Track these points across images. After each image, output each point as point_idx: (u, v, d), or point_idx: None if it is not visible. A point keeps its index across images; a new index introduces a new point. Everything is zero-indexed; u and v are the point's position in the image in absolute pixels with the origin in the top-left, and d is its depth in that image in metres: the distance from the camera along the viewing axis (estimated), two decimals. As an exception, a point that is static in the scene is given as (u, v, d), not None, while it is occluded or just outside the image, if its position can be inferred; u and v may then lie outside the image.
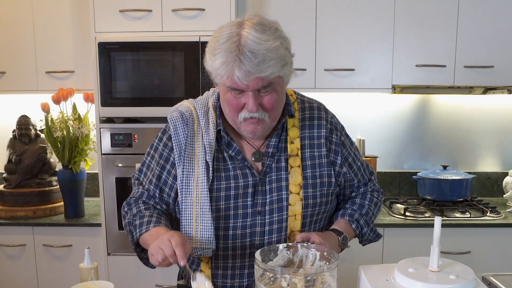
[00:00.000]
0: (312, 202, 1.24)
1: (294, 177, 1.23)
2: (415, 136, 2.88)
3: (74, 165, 2.48)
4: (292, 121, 1.27)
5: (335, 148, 1.29)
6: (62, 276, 2.45)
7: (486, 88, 2.61)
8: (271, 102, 1.14)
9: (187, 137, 1.23)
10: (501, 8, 2.46)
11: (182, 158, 1.22)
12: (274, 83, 1.13)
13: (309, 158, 1.26)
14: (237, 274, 1.24)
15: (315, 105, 1.32)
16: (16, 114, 2.67)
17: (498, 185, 2.85)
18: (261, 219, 1.23)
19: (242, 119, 1.16)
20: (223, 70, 1.09)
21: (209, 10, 2.29)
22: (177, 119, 1.25)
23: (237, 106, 1.15)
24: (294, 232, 1.23)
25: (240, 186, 1.22)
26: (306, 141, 1.27)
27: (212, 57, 1.11)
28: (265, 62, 1.07)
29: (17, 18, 2.56)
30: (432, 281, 0.94)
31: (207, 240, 1.19)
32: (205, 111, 1.26)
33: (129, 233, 1.26)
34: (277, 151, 1.25)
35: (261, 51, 1.06)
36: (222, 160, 1.24)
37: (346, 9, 2.48)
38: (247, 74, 1.07)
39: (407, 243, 2.33)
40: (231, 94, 1.14)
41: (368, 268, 1.07)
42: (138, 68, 2.29)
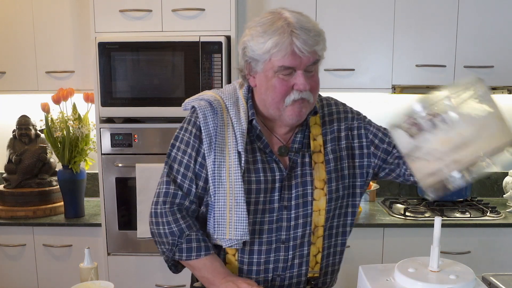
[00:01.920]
0: (335, 196, 1.26)
1: (319, 173, 1.25)
2: (415, 136, 2.88)
3: (74, 165, 2.48)
4: (314, 119, 1.29)
5: (358, 133, 1.30)
6: (62, 276, 2.45)
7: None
8: (317, 82, 1.19)
9: (217, 126, 1.21)
10: (501, 8, 2.46)
11: (213, 147, 1.20)
12: (318, 63, 1.17)
13: (331, 152, 1.27)
14: (262, 269, 1.25)
15: (332, 102, 1.35)
16: (16, 114, 2.67)
17: (498, 185, 2.85)
18: (287, 214, 1.23)
19: (291, 101, 1.16)
20: (279, 48, 1.11)
21: (209, 10, 2.29)
22: (206, 108, 1.23)
23: (286, 89, 1.15)
24: (318, 227, 1.25)
25: (269, 180, 1.23)
26: (328, 137, 1.28)
27: (260, 39, 1.13)
28: (318, 36, 1.13)
29: (17, 18, 2.56)
30: (432, 281, 0.94)
31: (241, 231, 1.19)
32: (234, 101, 1.25)
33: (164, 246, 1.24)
34: (302, 147, 1.26)
35: (311, 27, 1.13)
36: (251, 152, 1.24)
37: (346, 9, 2.48)
38: (306, 44, 1.10)
39: (407, 243, 2.33)
40: (278, 78, 1.15)
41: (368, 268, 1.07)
42: (138, 68, 2.29)
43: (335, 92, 2.64)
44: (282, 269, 1.25)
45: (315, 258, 1.27)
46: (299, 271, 1.26)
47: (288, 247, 1.24)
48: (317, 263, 1.27)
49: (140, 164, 2.30)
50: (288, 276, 1.25)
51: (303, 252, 1.25)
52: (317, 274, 1.28)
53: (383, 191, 2.87)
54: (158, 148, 2.33)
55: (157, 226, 1.24)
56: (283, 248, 1.24)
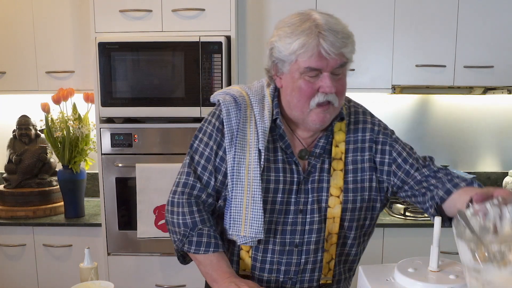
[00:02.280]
0: (351, 207, 1.23)
1: (336, 180, 1.23)
2: (415, 136, 2.88)
3: (74, 165, 2.48)
4: (339, 125, 1.26)
5: (382, 148, 1.26)
6: (62, 276, 2.45)
7: (486, 88, 2.61)
8: (344, 85, 1.17)
9: (239, 122, 1.21)
10: (501, 8, 2.46)
11: (234, 143, 1.20)
12: (346, 66, 1.15)
13: (351, 162, 1.25)
14: (274, 269, 1.24)
15: (360, 110, 1.31)
16: (16, 114, 2.67)
17: (498, 185, 2.85)
18: (302, 218, 1.22)
19: (315, 104, 1.14)
20: (306, 49, 1.10)
21: (209, 10, 2.29)
22: (230, 103, 1.22)
23: (311, 91, 1.14)
24: (332, 235, 1.24)
25: (287, 181, 1.22)
26: (350, 145, 1.26)
27: (288, 40, 1.12)
28: (347, 38, 1.12)
29: (17, 18, 2.56)
30: (432, 281, 0.94)
31: (256, 229, 1.19)
32: (260, 98, 1.24)
33: (176, 235, 1.24)
34: (323, 152, 1.24)
35: (339, 29, 1.11)
36: (272, 150, 1.23)
37: (346, 9, 2.48)
38: (333, 46, 1.09)
39: (407, 243, 2.33)
40: (304, 80, 1.13)
41: (368, 268, 1.07)
42: (138, 68, 2.29)
43: (335, 92, 2.66)
44: (294, 272, 1.24)
45: (328, 265, 1.26)
46: (311, 276, 1.25)
47: (302, 251, 1.23)
48: (330, 270, 1.26)
49: (140, 164, 2.30)
50: (300, 280, 1.25)
51: (317, 258, 1.24)
52: (330, 281, 1.27)
53: (383, 191, 2.87)
54: (158, 148, 2.33)
55: (171, 215, 1.24)
56: (296, 252, 1.23)
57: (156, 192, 2.30)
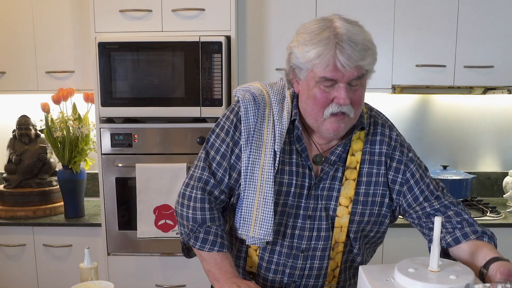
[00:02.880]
0: (359, 219, 1.22)
1: (347, 190, 1.21)
2: (415, 136, 2.88)
3: (74, 165, 2.48)
4: (358, 134, 1.23)
5: (396, 166, 1.23)
6: (62, 276, 2.45)
7: (486, 88, 2.61)
8: (360, 96, 1.14)
9: (257, 121, 1.20)
10: (501, 8, 2.46)
11: (250, 142, 1.20)
12: (364, 77, 1.13)
13: (366, 174, 1.22)
14: (280, 270, 1.25)
15: (380, 121, 1.28)
16: (16, 114, 2.67)
17: (498, 185, 2.85)
18: (310, 224, 1.22)
19: (329, 114, 1.12)
20: (321, 59, 1.07)
21: (209, 10, 2.29)
22: (249, 102, 1.21)
23: (325, 101, 1.12)
24: (338, 243, 1.23)
25: (298, 185, 1.21)
26: (366, 156, 1.23)
27: (305, 47, 1.09)
28: (366, 51, 1.10)
29: (17, 18, 2.56)
30: (432, 281, 0.94)
31: (265, 231, 1.18)
32: (280, 98, 1.23)
33: (184, 229, 1.25)
34: (338, 160, 1.22)
35: (359, 40, 1.08)
36: (288, 153, 1.22)
37: (346, 9, 2.48)
38: (349, 59, 1.06)
39: (407, 243, 2.33)
40: (320, 89, 1.11)
41: (368, 268, 1.07)
42: (138, 68, 2.29)
43: (335, 92, 2.66)
44: (298, 276, 1.24)
45: (333, 273, 1.25)
46: (315, 282, 1.24)
47: (307, 257, 1.23)
48: (334, 277, 1.26)
49: (140, 164, 2.30)
50: (303, 285, 1.25)
51: (322, 265, 1.23)
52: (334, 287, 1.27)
53: (383, 191, 2.87)
54: (158, 148, 2.33)
55: (181, 207, 1.24)
56: (301, 257, 1.23)
57: (156, 192, 2.30)
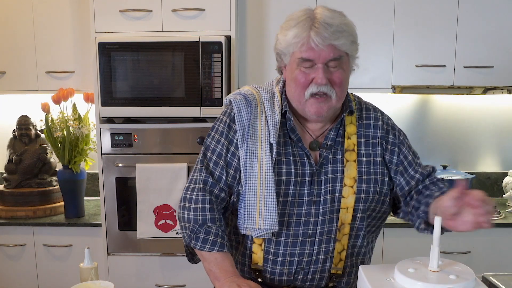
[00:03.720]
0: (364, 197, 1.25)
1: (350, 171, 1.25)
2: (415, 136, 2.88)
3: (74, 165, 2.48)
4: (350, 119, 1.30)
5: (391, 148, 1.29)
6: (62, 276, 2.45)
7: (486, 88, 2.61)
8: (340, 77, 1.19)
9: (250, 118, 1.26)
10: (501, 8, 2.46)
11: (245, 139, 1.24)
12: (342, 59, 1.19)
13: (364, 155, 1.28)
14: (287, 261, 1.26)
15: (371, 107, 1.35)
16: (16, 114, 2.67)
17: (498, 185, 2.85)
18: (315, 209, 1.24)
19: (309, 95, 1.19)
20: (297, 39, 1.15)
21: (209, 10, 2.29)
22: (241, 101, 1.28)
23: (305, 82, 1.18)
24: (345, 225, 1.25)
25: (299, 173, 1.24)
26: (362, 139, 1.29)
27: (285, 32, 1.19)
28: (340, 32, 1.15)
29: (17, 18, 2.56)
30: (432, 281, 0.94)
31: (271, 221, 1.21)
32: (270, 96, 1.29)
33: (185, 231, 1.27)
34: (334, 144, 1.27)
35: (335, 23, 1.15)
36: (283, 144, 1.26)
37: (346, 9, 2.46)
38: (322, 38, 1.13)
39: (407, 243, 2.33)
40: (300, 71, 1.18)
41: (368, 268, 1.07)
42: (138, 68, 2.29)
43: (335, 92, 2.66)
44: (306, 263, 1.26)
45: (339, 255, 1.27)
46: (323, 266, 1.26)
47: (314, 242, 1.25)
48: (341, 260, 1.27)
49: (140, 164, 2.30)
50: (312, 271, 1.26)
51: (329, 249, 1.26)
52: (340, 271, 1.28)
53: (383, 191, 2.87)
54: (158, 148, 2.33)
55: (183, 210, 1.27)
56: (309, 243, 1.25)
57: (156, 192, 2.30)
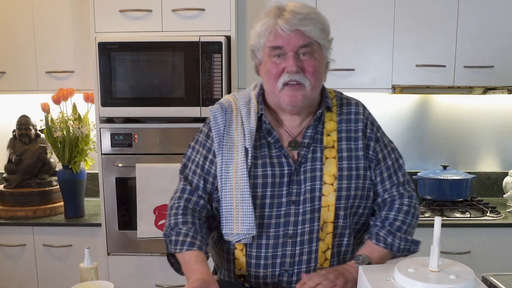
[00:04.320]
0: (346, 194, 1.25)
1: (329, 168, 1.25)
2: (415, 136, 2.88)
3: (74, 165, 2.48)
4: (329, 115, 1.30)
5: (367, 143, 1.30)
6: (62, 276, 2.45)
7: (486, 88, 2.61)
8: (312, 65, 1.20)
9: (225, 125, 1.27)
10: (501, 8, 2.46)
11: (222, 145, 1.26)
12: (313, 46, 1.20)
13: (345, 150, 1.27)
14: (270, 264, 1.25)
15: (353, 101, 1.36)
16: (16, 114, 2.67)
17: (498, 185, 2.85)
18: (295, 209, 1.24)
19: (282, 84, 1.19)
20: (265, 26, 1.19)
21: (209, 10, 2.29)
22: (216, 110, 1.30)
23: (277, 72, 1.20)
24: (327, 223, 1.24)
25: (277, 174, 1.24)
26: (343, 134, 1.29)
27: (255, 26, 1.22)
28: (307, 19, 1.17)
29: (17, 18, 2.56)
30: (432, 281, 0.94)
31: (248, 225, 1.21)
32: (246, 101, 1.31)
33: (164, 238, 1.28)
34: (313, 142, 1.27)
35: (303, 11, 1.18)
36: (260, 147, 1.27)
37: (346, 9, 2.48)
38: (290, 24, 1.15)
39: (407, 243, 2.33)
40: (271, 62, 1.20)
41: (368, 268, 1.07)
42: (138, 68, 2.29)
43: (335, 92, 2.66)
44: (290, 264, 1.25)
45: (324, 255, 1.26)
46: (307, 267, 1.25)
47: (296, 242, 1.24)
48: (326, 259, 1.26)
49: (140, 164, 2.30)
50: (296, 272, 1.25)
51: (312, 248, 1.24)
52: None
53: (383, 191, 2.87)
54: (158, 148, 2.33)
55: (168, 215, 1.30)
56: (290, 243, 1.24)
57: (156, 192, 2.30)
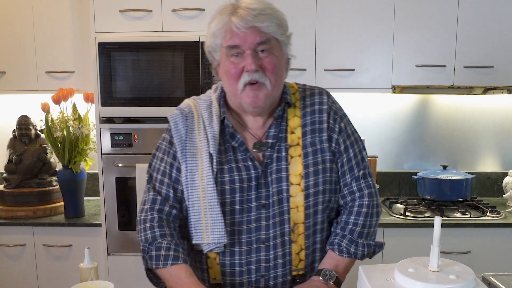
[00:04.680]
0: (314, 191, 1.21)
1: (295, 167, 1.21)
2: (415, 136, 2.88)
3: (74, 165, 2.48)
4: (293, 111, 1.25)
5: (330, 134, 1.25)
6: (62, 276, 2.45)
7: (486, 88, 2.61)
8: (271, 63, 1.15)
9: (187, 131, 1.22)
10: (501, 8, 2.46)
11: (185, 152, 1.21)
12: (271, 42, 1.15)
13: (310, 144, 1.23)
14: (245, 271, 1.22)
15: (317, 90, 1.30)
16: (16, 114, 2.67)
17: (498, 185, 2.85)
18: (265, 213, 1.21)
19: (243, 85, 1.15)
20: (219, 25, 1.14)
21: (209, 10, 2.29)
22: (176, 115, 1.25)
23: (237, 72, 1.15)
24: (298, 225, 1.21)
25: (244, 178, 1.20)
26: (307, 128, 1.24)
27: (210, 25, 1.17)
28: (262, 15, 1.12)
29: (17, 18, 2.56)
30: (432, 281, 0.94)
31: (218, 234, 1.17)
32: (207, 104, 1.26)
33: (142, 253, 1.23)
34: (277, 141, 1.23)
35: (259, 7, 1.12)
36: (224, 152, 1.22)
37: (346, 9, 2.48)
38: (245, 21, 1.10)
39: (407, 243, 2.33)
40: (230, 62, 1.15)
41: (368, 268, 1.07)
42: (138, 68, 2.29)
43: (335, 92, 2.64)
44: (265, 269, 1.22)
45: (298, 256, 1.23)
46: (283, 270, 1.22)
47: (269, 247, 1.21)
48: (301, 260, 1.24)
49: (140, 164, 2.30)
50: (272, 276, 1.22)
51: (285, 251, 1.21)
52: (303, 271, 1.25)
53: (383, 191, 2.87)
54: (158, 148, 2.33)
55: (138, 234, 1.25)
56: (263, 248, 1.21)
57: (156, 192, 2.29)
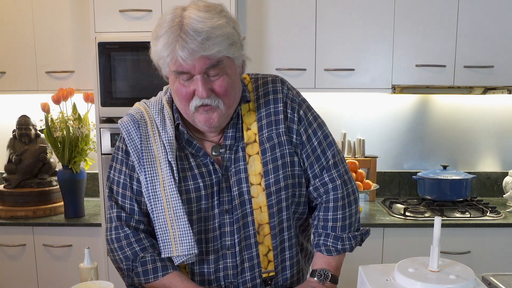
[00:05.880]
0: (275, 189, 1.16)
1: (254, 167, 1.16)
2: (415, 136, 2.88)
3: (74, 165, 2.48)
4: (247, 106, 1.18)
5: (289, 125, 1.18)
6: (62, 276, 2.45)
7: (486, 88, 2.61)
8: (223, 86, 1.06)
9: (142, 139, 1.14)
10: (501, 8, 2.46)
11: (142, 162, 1.13)
12: (223, 64, 1.05)
13: (267, 140, 1.17)
14: (213, 279, 1.19)
15: (270, 78, 1.21)
16: (16, 114, 2.67)
17: (498, 185, 2.85)
18: (229, 218, 1.16)
19: (194, 108, 1.08)
20: (166, 52, 1.03)
21: (209, 10, 2.29)
22: (128, 123, 1.16)
23: (186, 95, 1.07)
24: (263, 225, 1.17)
25: (208, 185, 1.15)
26: (263, 121, 1.17)
27: (155, 41, 1.06)
28: (210, 40, 1.00)
29: (17, 18, 2.56)
30: (432, 281, 0.94)
31: (188, 245, 1.11)
32: (159, 108, 1.18)
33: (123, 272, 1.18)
34: (235, 142, 1.17)
35: (205, 28, 1.00)
36: (185, 158, 1.16)
37: (346, 9, 2.48)
38: (190, 53, 1.00)
39: (407, 243, 2.33)
40: (179, 83, 1.07)
41: (368, 268, 1.07)
42: (138, 68, 2.29)
43: (335, 92, 2.66)
44: (233, 276, 1.18)
45: (266, 258, 1.19)
46: (251, 274, 1.19)
47: (235, 253, 1.17)
48: (270, 262, 1.20)
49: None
50: (241, 282, 1.19)
51: (252, 255, 1.18)
52: (273, 273, 1.21)
53: (383, 191, 2.88)
54: (158, 148, 2.33)
55: (112, 253, 1.19)
56: (229, 255, 1.17)
57: (156, 192, 2.29)
